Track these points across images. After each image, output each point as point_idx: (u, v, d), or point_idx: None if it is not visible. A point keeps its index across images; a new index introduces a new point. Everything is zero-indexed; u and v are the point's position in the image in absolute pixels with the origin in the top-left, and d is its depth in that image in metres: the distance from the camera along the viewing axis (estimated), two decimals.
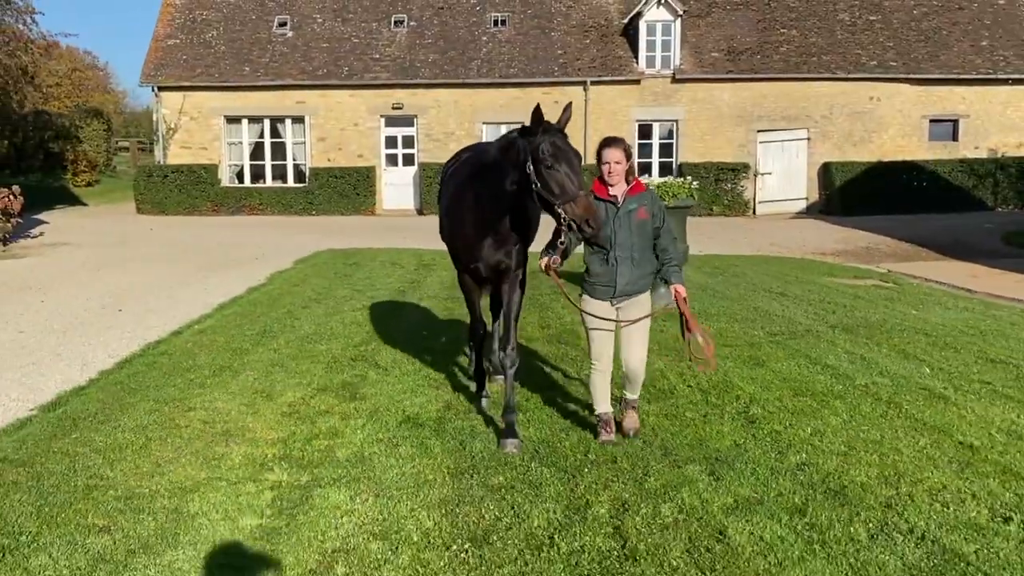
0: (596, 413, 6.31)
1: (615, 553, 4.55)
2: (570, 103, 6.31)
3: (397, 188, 31.29)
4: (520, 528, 4.81)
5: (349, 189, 30.53)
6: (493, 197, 6.24)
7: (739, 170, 30.02)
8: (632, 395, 6.37)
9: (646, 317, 6.15)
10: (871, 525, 4.85)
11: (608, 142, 6.14)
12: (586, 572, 4.33)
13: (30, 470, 5.74)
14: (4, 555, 4.53)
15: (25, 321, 11.43)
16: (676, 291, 6.11)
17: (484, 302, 7.59)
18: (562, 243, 5.81)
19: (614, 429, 6.26)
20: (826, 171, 30.16)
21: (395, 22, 32.06)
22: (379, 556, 4.47)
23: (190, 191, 30.45)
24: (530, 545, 4.60)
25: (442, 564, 4.41)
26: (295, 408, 7.06)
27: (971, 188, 29.74)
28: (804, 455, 5.94)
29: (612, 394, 6.37)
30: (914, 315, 12.02)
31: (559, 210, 5.67)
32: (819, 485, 5.41)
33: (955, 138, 30.97)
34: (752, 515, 4.94)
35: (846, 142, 30.49)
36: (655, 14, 30.23)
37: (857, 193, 29.23)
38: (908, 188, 29.40)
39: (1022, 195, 29.92)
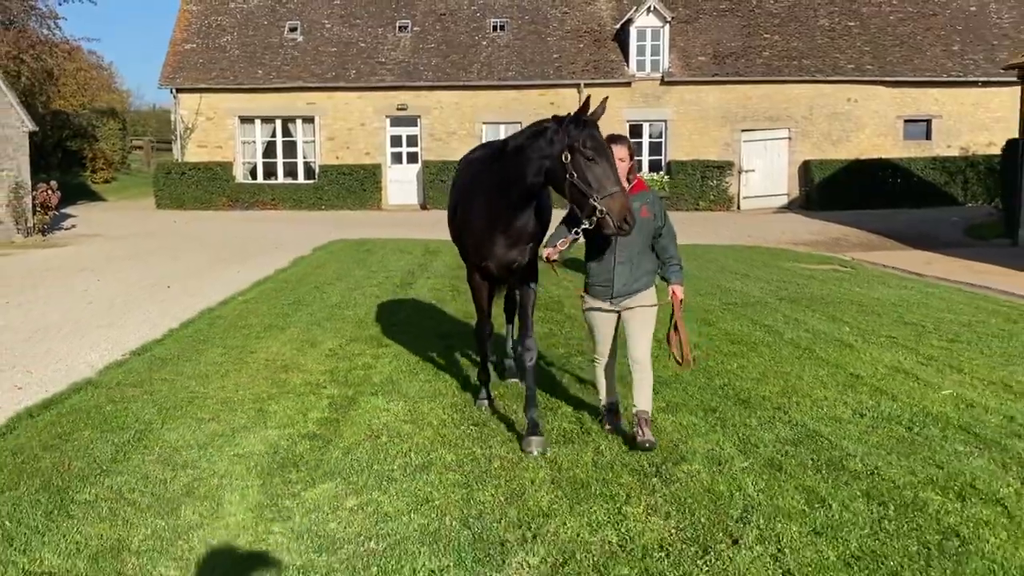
0: (602, 404, 6.42)
1: (575, 430, 6.44)
2: (606, 97, 6.15)
3: (401, 185, 33.18)
4: (508, 422, 6.69)
5: (356, 185, 32.41)
6: (511, 189, 6.05)
7: (724, 167, 31.88)
8: (642, 405, 6.05)
9: (650, 306, 6.12)
10: (762, 418, 6.74)
11: (612, 139, 5.99)
12: (552, 441, 6.20)
13: (142, 388, 7.64)
14: (145, 433, 6.41)
15: (91, 295, 13.32)
16: (673, 292, 6.12)
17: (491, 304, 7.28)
18: (576, 234, 5.85)
19: (620, 416, 6.39)
20: (806, 169, 32.05)
21: (400, 27, 33.93)
22: (410, 432, 6.37)
23: (206, 187, 32.34)
24: (512, 431, 6.48)
25: (454, 438, 6.29)
26: (335, 351, 8.95)
27: (943, 184, 31.59)
28: (726, 380, 7.83)
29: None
30: (857, 291, 13.90)
31: (596, 204, 5.56)
32: (732, 397, 7.30)
33: (928, 137, 32.86)
34: (677, 412, 6.83)
35: (825, 141, 32.39)
36: (645, 20, 32.11)
37: (835, 189, 31.09)
38: (883, 185, 31.27)
39: (991, 191, 31.75)
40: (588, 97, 6.16)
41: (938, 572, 4.23)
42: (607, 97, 6.11)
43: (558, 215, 6.26)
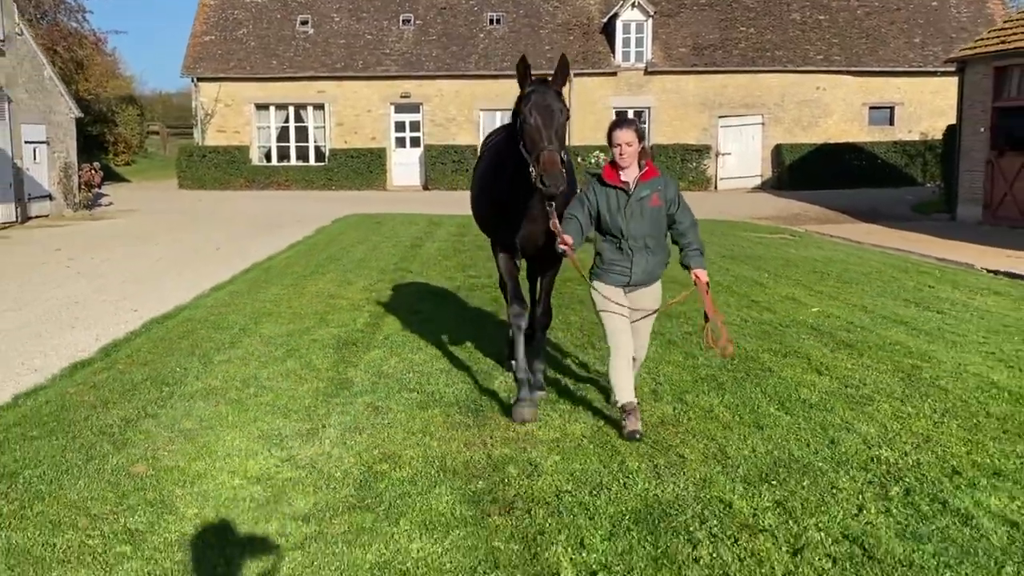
0: (619, 404, 5.94)
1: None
2: (563, 54, 6.15)
3: (405, 167, 35.95)
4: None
5: (363, 167, 35.18)
6: (519, 166, 5.87)
7: (703, 151, 34.64)
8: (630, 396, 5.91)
9: (654, 313, 6.05)
10: (675, 322, 9.52)
11: (619, 123, 5.87)
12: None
13: (232, 307, 10.47)
14: (246, 330, 9.21)
15: (157, 256, 16.14)
16: (697, 276, 5.85)
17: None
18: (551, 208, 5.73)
19: (639, 418, 5.92)
20: (778, 152, 34.82)
21: (403, 20, 36.60)
22: (429, 327, 9.18)
23: (225, 169, 35.10)
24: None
25: (459, 327, 9.09)
26: (366, 288, 11.77)
27: (903, 167, 34.37)
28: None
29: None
30: (792, 253, 16.68)
31: (531, 168, 5.59)
32: (660, 315, 10.11)
33: (891, 123, 35.63)
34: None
35: (796, 126, 35.17)
36: (630, 15, 34.81)
37: (804, 171, 33.87)
38: (849, 167, 34.05)
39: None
40: (561, 57, 6.08)
41: (750, 384, 7.06)
42: (564, 54, 6.13)
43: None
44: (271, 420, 6.21)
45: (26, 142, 22.72)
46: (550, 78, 5.95)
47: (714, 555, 4.17)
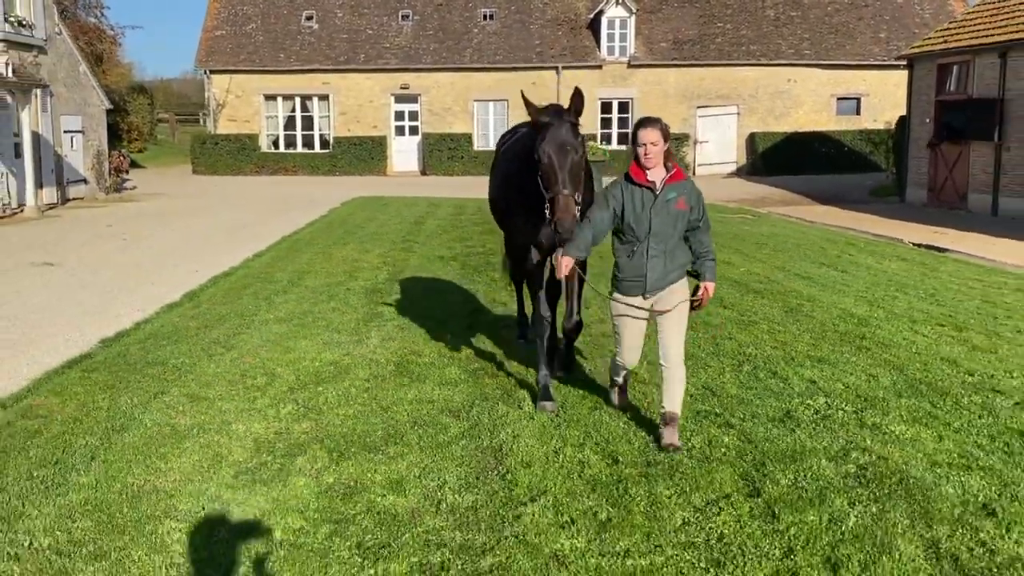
0: (612, 379, 6.38)
1: None
2: (578, 88, 6.11)
3: (404, 154, 38.47)
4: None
5: (365, 154, 37.69)
6: (531, 182, 6.01)
7: (682, 139, 37.19)
8: (671, 407, 5.81)
9: (682, 303, 5.84)
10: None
11: (644, 122, 5.80)
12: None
13: (276, 267, 13.04)
14: (293, 283, 11.78)
15: (191, 232, 18.68)
16: (705, 289, 5.80)
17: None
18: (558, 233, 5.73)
19: (626, 393, 6.42)
20: (752, 140, 37.41)
21: (402, 16, 39.03)
22: (438, 284, 11.75)
23: (236, 156, 37.59)
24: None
25: (462, 277, 11.66)
26: (382, 254, 14.34)
27: (868, 154, 36.96)
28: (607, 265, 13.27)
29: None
30: (746, 229, 19.26)
31: (547, 204, 5.76)
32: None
33: (858, 113, 38.22)
34: None
35: (768, 116, 37.75)
36: (614, 11, 37.32)
37: (776, 158, 36.47)
38: (818, 154, 36.66)
39: None
40: (575, 92, 6.01)
41: None
42: (578, 90, 5.99)
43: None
44: (329, 334, 8.82)
45: (65, 131, 25.19)
46: (565, 108, 5.99)
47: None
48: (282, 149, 38.58)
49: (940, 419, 6.22)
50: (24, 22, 22.65)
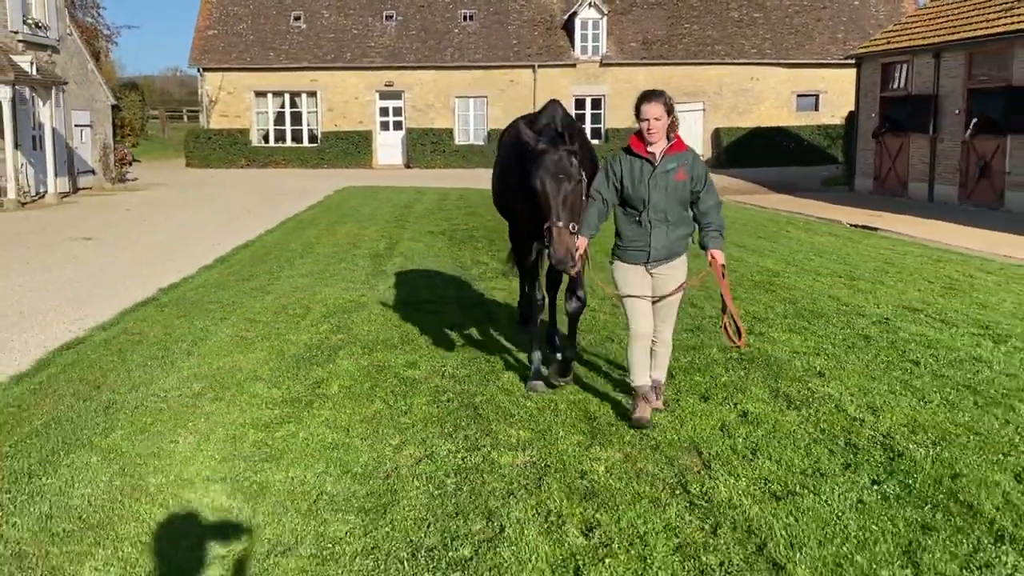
0: (633, 385, 5.93)
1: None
2: (575, 124, 6.19)
3: (388, 148, 40.54)
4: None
5: (352, 148, 39.73)
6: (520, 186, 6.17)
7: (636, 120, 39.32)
8: (657, 374, 5.95)
9: (679, 290, 5.85)
10: None
11: (647, 96, 5.77)
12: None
13: (288, 239, 15.12)
14: (306, 251, 13.87)
15: (200, 217, 20.70)
16: (713, 257, 5.73)
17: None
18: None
19: (651, 404, 5.89)
20: (717, 135, 39.71)
21: (386, 17, 41.06)
22: (431, 252, 13.88)
23: (228, 149, 39.53)
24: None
25: (450, 248, 13.80)
26: (378, 231, 16.46)
27: (826, 147, 39.33)
28: None
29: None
30: None
31: (544, 231, 5.72)
32: None
33: (817, 109, 40.60)
34: None
35: (732, 112, 40.07)
36: (587, 13, 39.52)
37: (740, 151, 38.77)
38: (779, 147, 38.99)
39: None
40: (570, 126, 6.04)
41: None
42: (573, 127, 6.02)
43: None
44: (345, 284, 10.95)
45: (75, 125, 27.11)
46: (561, 133, 5.90)
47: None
48: (272, 143, 40.54)
49: (810, 329, 8.44)
50: (40, 24, 24.57)
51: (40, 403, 6.51)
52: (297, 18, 41.07)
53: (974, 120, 22.48)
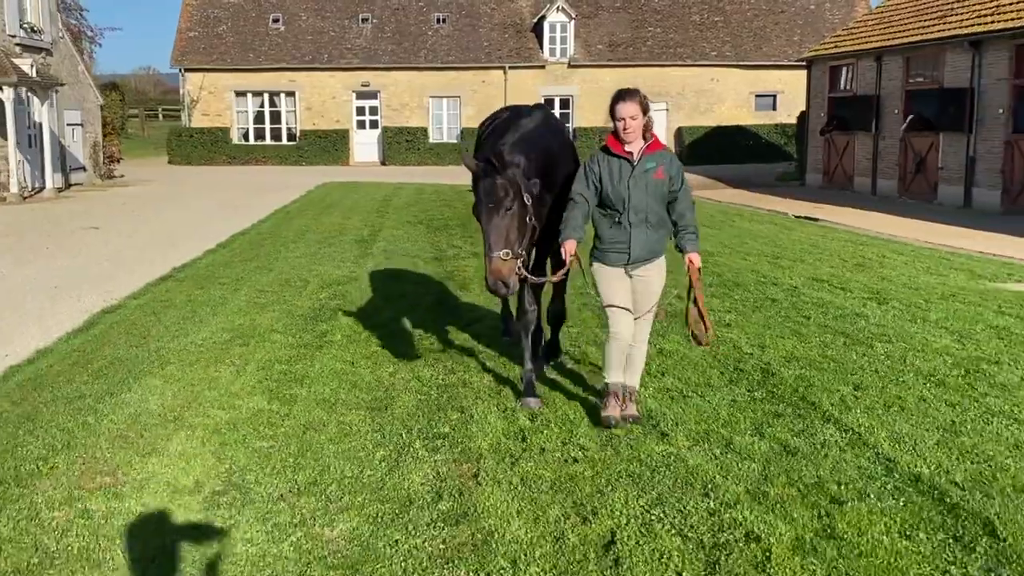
0: (605, 380, 5.88)
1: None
2: (499, 152, 5.74)
3: (365, 146, 42.08)
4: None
5: (330, 146, 41.23)
6: None
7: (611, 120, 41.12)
8: (632, 381, 5.88)
9: (659, 287, 5.87)
10: None
11: (622, 95, 5.66)
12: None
13: (281, 228, 16.70)
14: (299, 237, 15.46)
15: (196, 209, 22.19)
16: (690, 261, 5.76)
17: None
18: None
19: (620, 403, 5.83)
20: (679, 133, 41.55)
21: (362, 19, 42.55)
22: (410, 235, 15.52)
23: (209, 148, 40.91)
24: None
25: (428, 232, 15.44)
26: (362, 220, 18.06)
27: (783, 145, 41.24)
28: None
29: None
30: None
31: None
32: None
33: (774, 108, 42.54)
34: None
35: (694, 112, 41.93)
36: (555, 17, 41.23)
37: (701, 149, 40.58)
38: (738, 145, 40.87)
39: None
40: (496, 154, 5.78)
41: None
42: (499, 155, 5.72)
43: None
44: (337, 263, 12.58)
45: (67, 124, 28.46)
46: (496, 153, 5.79)
47: None
48: (252, 141, 41.95)
49: (728, 296, 10.16)
50: (35, 28, 25.93)
51: (100, 349, 8.11)
52: (276, 20, 42.46)
53: (909, 116, 24.36)
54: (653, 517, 4.48)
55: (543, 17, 41.23)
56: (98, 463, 5.26)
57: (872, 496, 4.69)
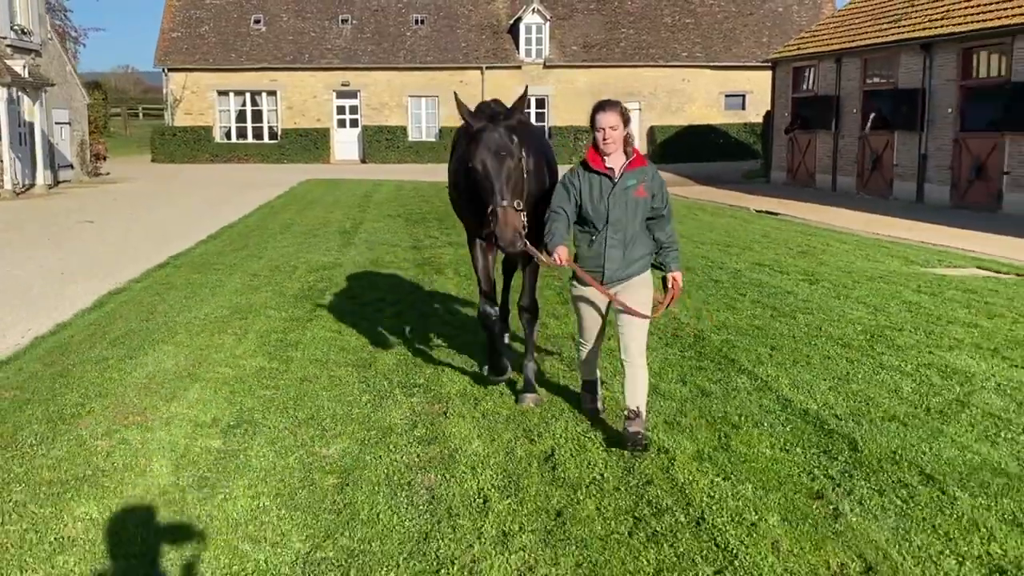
0: (584, 380, 6.06)
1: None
2: (526, 89, 6.22)
3: (345, 144, 43.05)
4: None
5: (311, 144, 42.17)
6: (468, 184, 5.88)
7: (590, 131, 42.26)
8: (633, 403, 5.44)
9: (645, 297, 5.58)
10: None
11: (602, 105, 5.55)
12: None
13: (267, 221, 17.70)
14: (288, 226, 16.47)
15: (185, 205, 23.13)
16: (674, 280, 5.62)
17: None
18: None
19: (599, 396, 6.03)
20: (652, 132, 42.75)
21: (342, 20, 43.51)
22: (390, 227, 16.56)
23: (192, 146, 41.76)
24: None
25: (408, 219, 16.49)
26: (344, 214, 19.06)
27: (752, 144, 42.49)
28: None
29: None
30: None
31: (488, 216, 5.44)
32: None
33: (744, 108, 43.81)
34: None
35: (666, 111, 43.14)
36: (531, 18, 42.35)
37: (673, 147, 41.80)
38: (708, 143, 42.12)
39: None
40: (524, 91, 6.01)
41: None
42: (527, 88, 6.18)
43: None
44: (322, 251, 13.61)
45: (56, 123, 29.30)
46: (499, 111, 5.74)
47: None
48: (234, 140, 42.83)
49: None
50: (25, 30, 26.77)
51: (114, 323, 9.12)
52: (257, 21, 43.35)
53: (872, 115, 25.59)
54: (586, 438, 5.58)
55: (519, 19, 42.33)
56: (128, 407, 6.29)
57: (765, 424, 5.81)
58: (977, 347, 7.79)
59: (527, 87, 7.16)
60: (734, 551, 4.11)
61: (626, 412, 5.45)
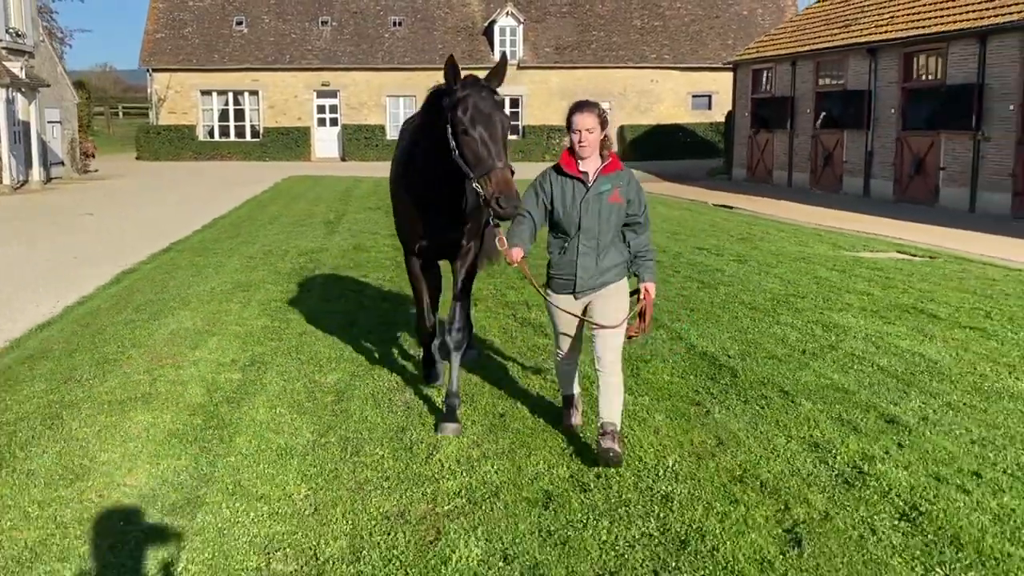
0: (562, 395, 5.95)
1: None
2: (504, 53, 6.22)
3: (325, 142, 44.43)
4: None
5: (292, 143, 43.53)
6: (427, 165, 5.70)
7: (563, 130, 43.53)
8: (608, 416, 5.25)
9: (619, 304, 5.37)
10: None
11: (580, 106, 5.44)
12: None
13: (257, 214, 19.13)
14: (277, 217, 17.92)
15: (174, 201, 24.49)
16: (646, 291, 5.44)
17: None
18: (489, 223, 5.29)
19: (580, 411, 5.92)
20: (622, 131, 44.33)
21: (322, 22, 44.87)
22: (370, 220, 18.05)
23: (176, 144, 43.02)
24: None
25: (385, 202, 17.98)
26: (327, 207, 20.50)
27: (718, 142, 44.14)
28: None
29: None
30: None
31: (475, 184, 5.10)
32: None
33: (710, 108, 45.50)
34: None
35: (636, 111, 44.78)
36: (505, 21, 43.88)
37: (642, 146, 43.43)
38: (676, 142, 43.78)
39: None
40: (503, 56, 5.84)
41: None
42: (505, 52, 6.07)
43: None
44: (310, 238, 15.07)
45: (48, 122, 30.57)
46: (483, 78, 5.60)
47: None
48: (217, 138, 44.12)
49: None
50: (19, 32, 28.04)
51: (133, 295, 10.58)
52: (239, 23, 44.64)
53: (822, 114, 27.29)
54: (528, 370, 7.11)
55: (494, 21, 43.84)
56: (160, 354, 7.77)
57: (670, 361, 7.38)
58: (862, 309, 9.39)
59: (504, 52, 8.43)
60: (625, 435, 5.65)
61: (600, 426, 5.25)
